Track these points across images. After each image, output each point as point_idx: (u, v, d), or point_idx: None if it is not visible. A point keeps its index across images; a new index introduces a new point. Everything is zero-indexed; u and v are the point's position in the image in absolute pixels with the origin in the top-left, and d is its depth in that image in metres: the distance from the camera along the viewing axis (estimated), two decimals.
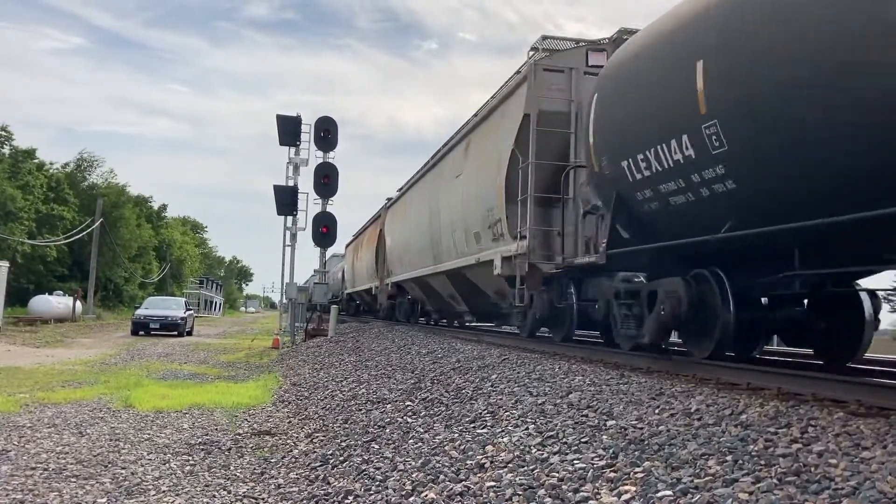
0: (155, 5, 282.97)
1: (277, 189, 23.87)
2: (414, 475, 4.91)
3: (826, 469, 3.28)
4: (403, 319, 23.22)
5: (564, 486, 3.85)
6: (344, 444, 6.81)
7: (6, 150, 45.53)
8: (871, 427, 3.83)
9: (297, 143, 24.09)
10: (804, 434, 3.85)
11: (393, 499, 4.58)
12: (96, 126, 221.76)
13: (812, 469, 3.32)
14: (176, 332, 29.02)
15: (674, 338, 9.07)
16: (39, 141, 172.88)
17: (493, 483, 4.20)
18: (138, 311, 30.72)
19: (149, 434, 8.00)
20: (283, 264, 24.24)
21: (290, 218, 24.05)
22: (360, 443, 6.63)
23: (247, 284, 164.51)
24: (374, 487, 5.00)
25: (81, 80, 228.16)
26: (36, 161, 47.96)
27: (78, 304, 40.73)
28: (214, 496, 5.76)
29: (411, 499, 4.45)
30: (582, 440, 4.62)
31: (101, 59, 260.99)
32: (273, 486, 5.99)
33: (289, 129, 23.93)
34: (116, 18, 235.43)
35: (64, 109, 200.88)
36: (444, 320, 21.09)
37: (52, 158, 67.69)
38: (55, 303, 38.39)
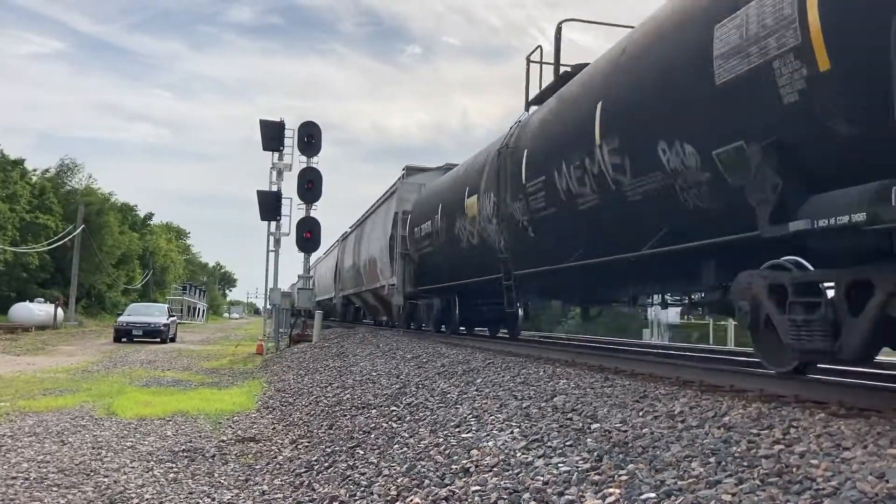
0: (137, 10, 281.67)
1: (261, 194, 23.76)
2: (399, 480, 4.90)
3: (808, 470, 3.30)
4: (350, 320, 35.25)
5: (549, 490, 3.86)
6: (329, 450, 6.79)
7: None
8: (852, 428, 3.86)
9: (281, 148, 23.99)
10: (786, 435, 3.88)
11: None
12: (77, 132, 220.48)
13: (794, 470, 3.34)
14: (159, 339, 28.83)
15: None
16: (20, 147, 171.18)
17: (478, 487, 4.20)
18: (121, 318, 30.50)
19: (132, 442, 7.93)
20: (267, 270, 24.16)
21: (273, 223, 23.96)
22: (344, 448, 6.61)
23: (230, 290, 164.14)
24: (359, 493, 4.99)
25: (62, 86, 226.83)
26: (20, 169, 47.62)
27: (60, 311, 40.37)
28: (198, 503, 5.73)
29: None
30: (566, 443, 4.63)
31: (81, 64, 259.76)
32: (258, 493, 5.96)
33: (272, 134, 23.83)
34: (97, 23, 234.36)
35: (44, 115, 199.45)
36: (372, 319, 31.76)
37: (34, 165, 67.01)
38: (36, 310, 38.08)
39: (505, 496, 3.95)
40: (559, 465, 4.20)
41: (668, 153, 6.42)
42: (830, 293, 5.09)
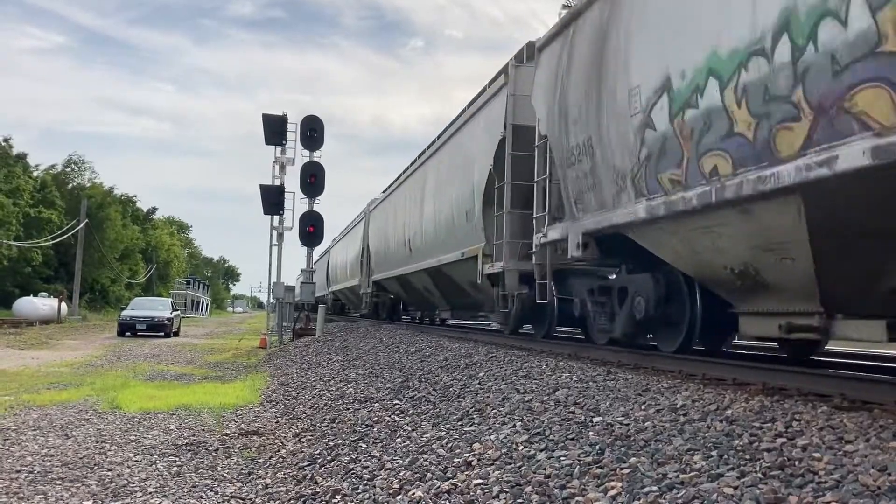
0: (138, 4, 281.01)
1: (264, 188, 23.76)
2: (401, 474, 4.91)
3: (810, 463, 3.30)
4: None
5: (551, 483, 3.86)
6: (332, 443, 6.80)
7: None
8: (855, 421, 3.86)
9: (283, 142, 23.96)
10: (788, 428, 3.88)
11: (380, 497, 4.58)
12: (80, 126, 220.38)
13: (796, 463, 3.34)
14: (162, 333, 28.89)
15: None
16: (23, 142, 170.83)
17: (480, 481, 4.20)
18: (124, 312, 30.56)
19: (135, 435, 7.95)
20: (271, 264, 24.15)
21: (276, 217, 23.95)
22: (347, 442, 6.62)
23: (234, 284, 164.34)
24: (361, 486, 5.00)
25: (64, 80, 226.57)
26: (23, 163, 47.78)
27: (63, 305, 40.46)
28: (202, 497, 5.74)
29: (399, 497, 4.45)
30: (569, 437, 4.64)
31: (83, 59, 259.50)
32: (260, 487, 5.97)
33: (275, 129, 23.81)
34: (99, 17, 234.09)
35: (46, 110, 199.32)
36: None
37: (38, 160, 67.25)
38: (40, 305, 38.14)
39: (507, 489, 3.95)
40: (561, 458, 4.21)
41: None
42: None
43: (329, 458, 6.27)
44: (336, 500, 4.91)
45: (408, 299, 22.22)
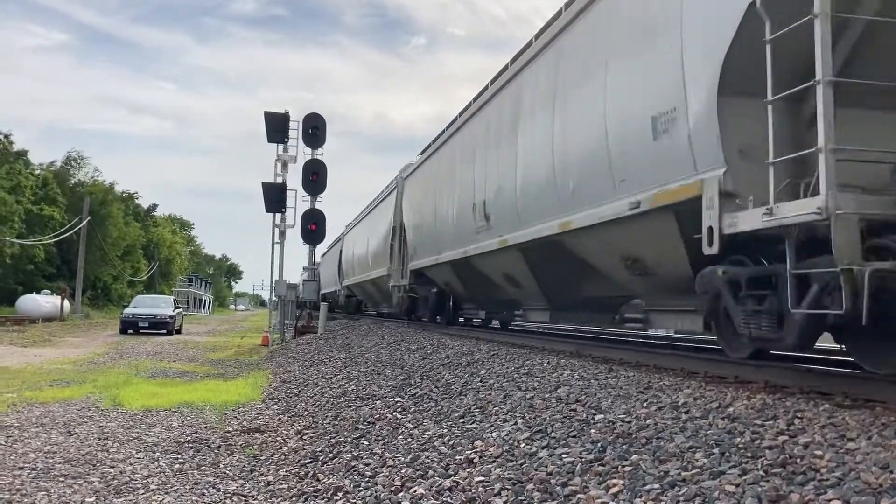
0: (140, 2, 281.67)
1: (266, 186, 23.81)
2: (403, 471, 4.92)
3: (812, 460, 3.30)
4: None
5: (553, 481, 3.87)
6: (333, 440, 6.81)
7: None
8: (857, 418, 3.86)
9: (286, 140, 24.02)
10: (790, 426, 3.88)
11: (382, 495, 4.59)
12: (81, 124, 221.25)
13: (798, 461, 3.34)
14: (165, 331, 28.92)
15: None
16: (24, 140, 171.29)
17: (481, 478, 4.21)
18: (127, 310, 30.61)
19: (138, 432, 7.96)
20: (273, 262, 24.19)
21: (278, 215, 23.99)
22: (349, 439, 6.63)
23: (236, 282, 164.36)
24: (363, 483, 5.00)
25: (66, 78, 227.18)
26: (23, 160, 47.89)
27: (66, 303, 40.54)
28: (203, 494, 5.74)
29: (400, 494, 4.46)
30: (570, 434, 4.64)
31: (85, 57, 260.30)
32: (263, 484, 5.98)
33: (277, 126, 23.86)
34: (101, 15, 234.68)
35: (48, 108, 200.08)
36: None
37: (38, 158, 67.47)
38: (43, 302, 38.24)
39: (509, 486, 3.96)
40: (563, 455, 4.21)
41: None
42: None
43: (331, 455, 6.27)
44: (338, 498, 4.92)
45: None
